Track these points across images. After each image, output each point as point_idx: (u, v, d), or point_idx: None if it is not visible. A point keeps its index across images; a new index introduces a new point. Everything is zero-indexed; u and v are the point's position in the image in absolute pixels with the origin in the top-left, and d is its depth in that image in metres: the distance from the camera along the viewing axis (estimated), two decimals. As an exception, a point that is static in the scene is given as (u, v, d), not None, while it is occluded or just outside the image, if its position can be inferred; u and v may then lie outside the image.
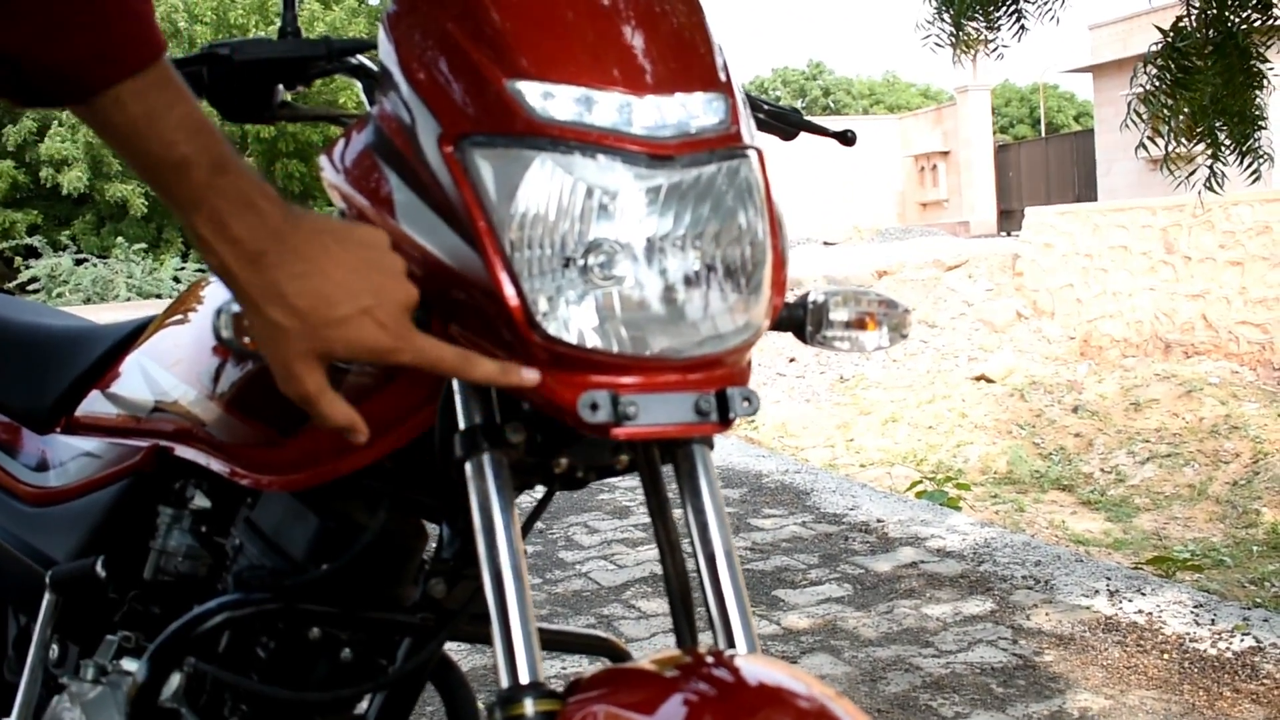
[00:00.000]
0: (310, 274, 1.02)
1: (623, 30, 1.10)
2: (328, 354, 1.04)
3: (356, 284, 1.03)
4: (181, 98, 1.02)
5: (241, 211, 1.02)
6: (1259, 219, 14.74)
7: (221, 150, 1.03)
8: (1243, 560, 7.87)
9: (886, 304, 1.39)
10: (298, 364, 1.04)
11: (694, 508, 1.17)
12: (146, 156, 1.01)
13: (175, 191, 1.02)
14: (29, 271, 24.37)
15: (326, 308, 1.02)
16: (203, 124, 1.03)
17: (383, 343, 1.03)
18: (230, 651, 1.49)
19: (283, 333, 1.03)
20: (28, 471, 1.91)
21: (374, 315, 1.03)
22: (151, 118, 1.00)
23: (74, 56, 0.98)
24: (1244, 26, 4.51)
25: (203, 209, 1.02)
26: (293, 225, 1.03)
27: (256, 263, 1.02)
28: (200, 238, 1.03)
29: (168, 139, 1.01)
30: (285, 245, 1.02)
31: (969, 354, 16.32)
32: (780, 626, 4.29)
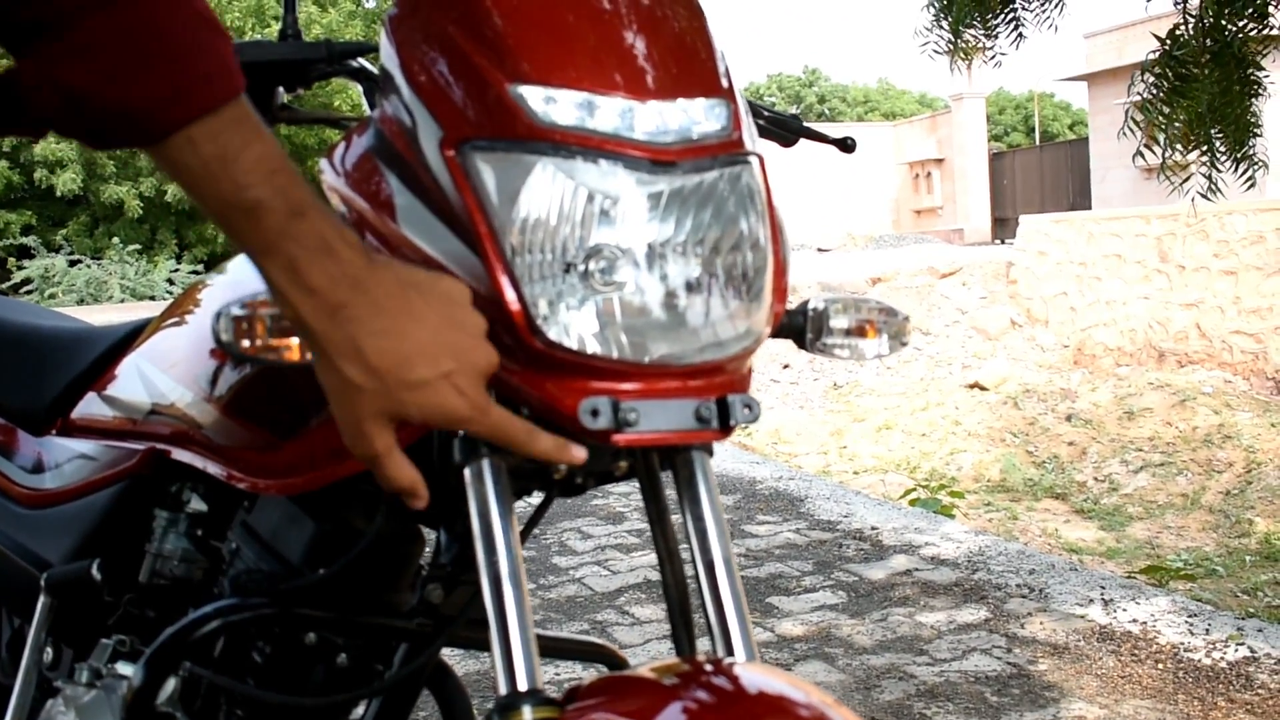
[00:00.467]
0: (390, 332, 0.98)
1: (625, 35, 1.10)
2: (400, 416, 1.00)
3: (438, 346, 0.99)
4: (258, 136, 0.97)
5: (320, 259, 0.97)
6: (1253, 228, 14.77)
7: (299, 193, 0.98)
8: (1236, 570, 7.88)
9: (886, 311, 1.39)
10: (368, 423, 1.00)
11: (693, 515, 1.17)
12: (219, 200, 0.96)
13: (249, 237, 0.97)
14: (23, 272, 24.35)
15: (405, 370, 0.98)
16: (280, 165, 0.98)
17: (460, 411, 1.00)
18: (226, 656, 1.48)
19: (356, 390, 0.99)
20: (23, 473, 1.91)
21: (453, 381, 0.99)
22: (225, 159, 0.95)
23: (146, 96, 0.93)
24: (1241, 35, 4.52)
25: (278, 256, 0.97)
26: (375, 276, 0.98)
27: (335, 316, 0.97)
28: (276, 286, 0.98)
29: (241, 181, 0.96)
30: (366, 298, 0.97)
31: (963, 361, 16.34)
32: (774, 634, 4.29)
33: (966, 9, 5.14)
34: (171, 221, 29.41)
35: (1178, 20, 4.64)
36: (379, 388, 0.98)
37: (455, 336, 1.00)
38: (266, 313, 1.07)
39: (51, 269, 24.36)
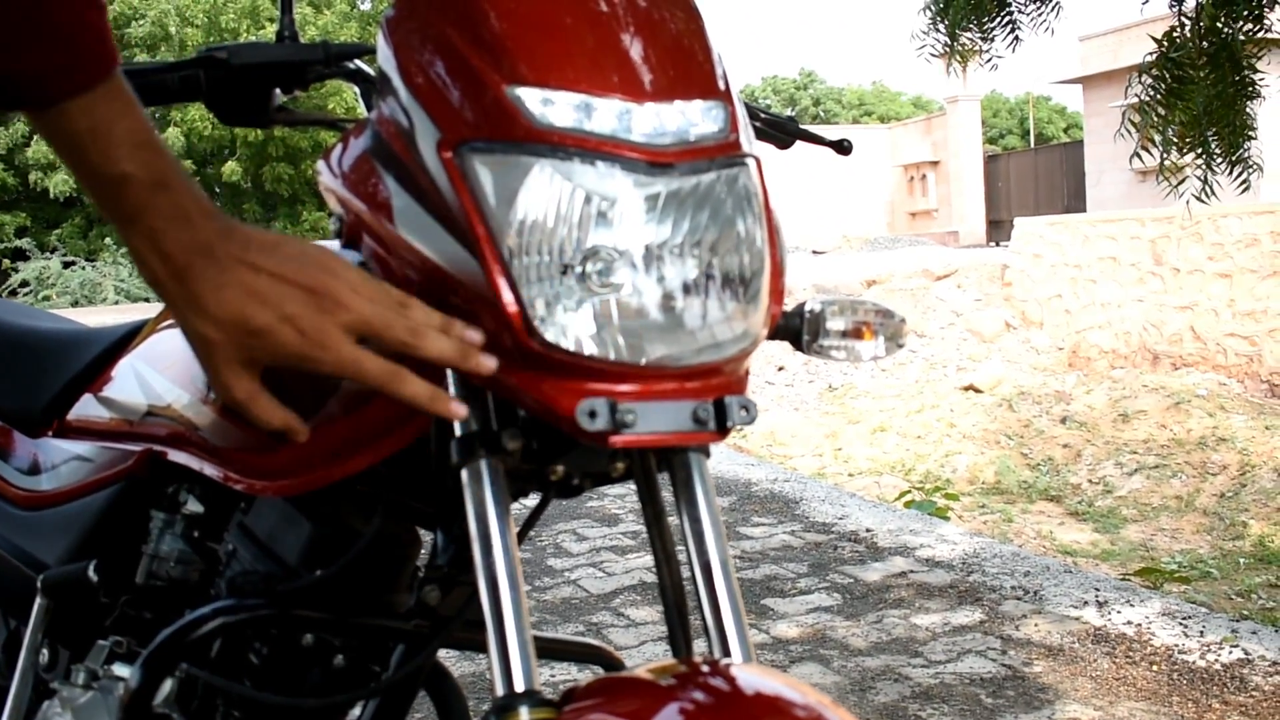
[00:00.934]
0: (229, 284, 1.04)
1: (622, 37, 1.10)
2: (252, 360, 1.06)
3: (277, 293, 1.04)
4: (128, 111, 1.03)
5: (175, 227, 1.03)
6: (1247, 231, 14.79)
7: (163, 166, 1.04)
8: (1230, 572, 7.88)
9: (883, 313, 1.39)
10: (224, 371, 1.06)
11: (690, 517, 1.17)
12: (89, 169, 1.02)
13: (114, 206, 1.04)
14: (18, 275, 24.34)
15: (245, 318, 1.04)
16: (147, 139, 1.04)
17: (303, 350, 1.05)
18: (223, 657, 1.48)
19: (208, 343, 1.05)
20: (19, 475, 1.90)
21: (295, 324, 1.04)
22: (96, 132, 1.01)
23: (27, 69, 0.99)
24: (1237, 37, 4.52)
25: (139, 224, 1.03)
26: (224, 238, 1.05)
27: (182, 276, 1.04)
28: (135, 251, 1.05)
29: (111, 154, 1.02)
30: (211, 258, 1.04)
31: (957, 364, 16.35)
32: (769, 635, 4.29)
33: (963, 12, 5.15)
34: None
35: (1173, 23, 4.65)
36: (225, 338, 1.05)
37: (298, 284, 1.05)
38: None
39: (46, 271, 24.34)
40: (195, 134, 27.35)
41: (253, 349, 1.05)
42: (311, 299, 1.04)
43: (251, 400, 1.08)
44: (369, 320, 1.05)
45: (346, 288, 1.05)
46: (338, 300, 1.05)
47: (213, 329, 1.04)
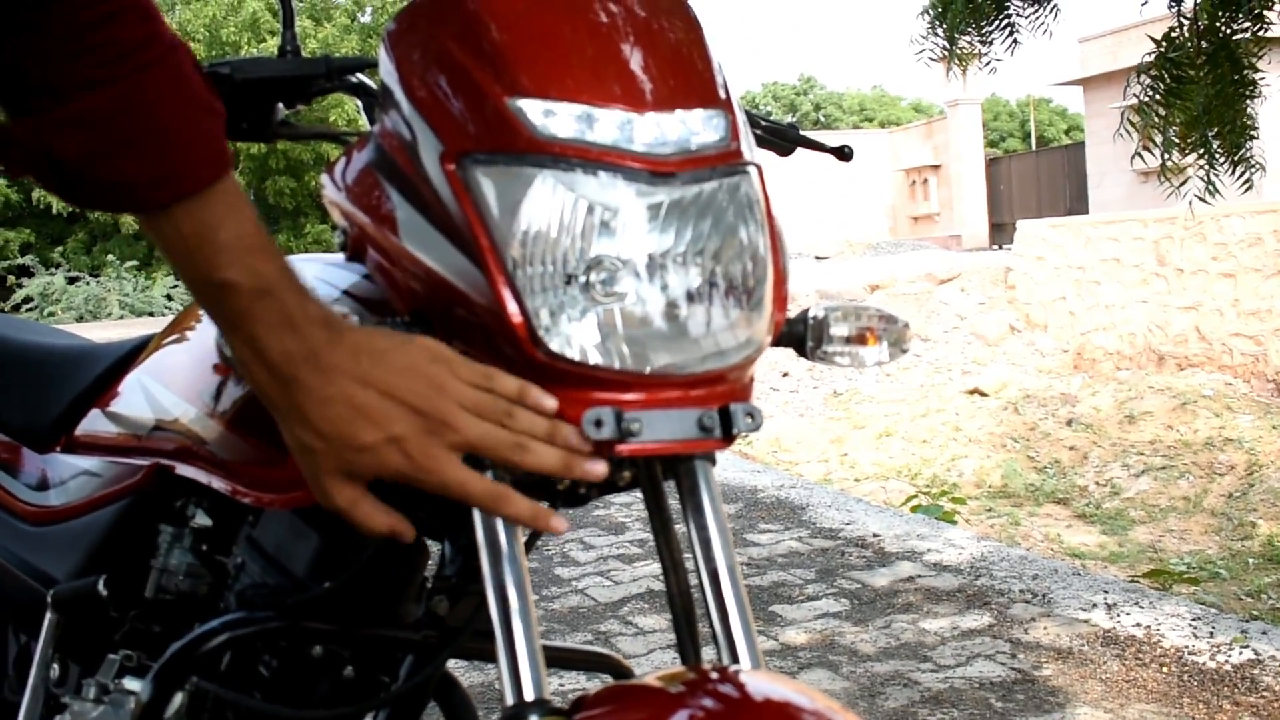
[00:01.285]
0: (335, 399, 1.02)
1: (623, 48, 1.11)
2: (355, 474, 1.04)
3: (385, 412, 1.02)
4: (235, 214, 1.02)
5: (280, 334, 1.02)
6: (1250, 230, 14.79)
7: (268, 272, 1.02)
8: (1239, 573, 7.88)
9: (886, 319, 1.39)
10: (326, 480, 1.04)
11: (696, 524, 1.17)
12: (191, 272, 1.02)
13: (217, 311, 1.03)
14: (22, 291, 24.38)
15: (350, 435, 1.02)
16: (254, 243, 1.02)
17: (406, 472, 1.03)
18: (233, 670, 1.48)
19: (310, 452, 1.04)
20: (28, 490, 1.91)
21: (400, 445, 1.02)
22: (201, 237, 1.00)
23: (135, 175, 0.98)
24: (1237, 35, 4.53)
25: (241, 331, 1.02)
26: (332, 346, 1.03)
27: (286, 386, 1.02)
28: (237, 356, 1.04)
29: (214, 260, 1.00)
30: (318, 367, 1.02)
31: (962, 367, 16.35)
32: (778, 642, 4.29)
33: (961, 16, 5.15)
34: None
35: (1173, 23, 4.66)
36: (328, 449, 1.03)
37: (405, 402, 1.02)
38: None
39: (50, 287, 24.38)
40: (198, 148, 27.43)
41: (355, 464, 1.03)
42: (420, 420, 1.02)
43: (354, 507, 1.06)
44: (475, 444, 1.03)
45: (455, 406, 1.03)
46: (446, 422, 1.03)
47: (316, 440, 1.03)
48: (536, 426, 1.04)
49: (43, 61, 0.96)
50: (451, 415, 1.02)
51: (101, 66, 0.97)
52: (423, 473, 1.02)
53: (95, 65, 0.97)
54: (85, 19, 0.96)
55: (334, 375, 1.02)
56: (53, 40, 0.95)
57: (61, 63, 0.96)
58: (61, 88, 0.96)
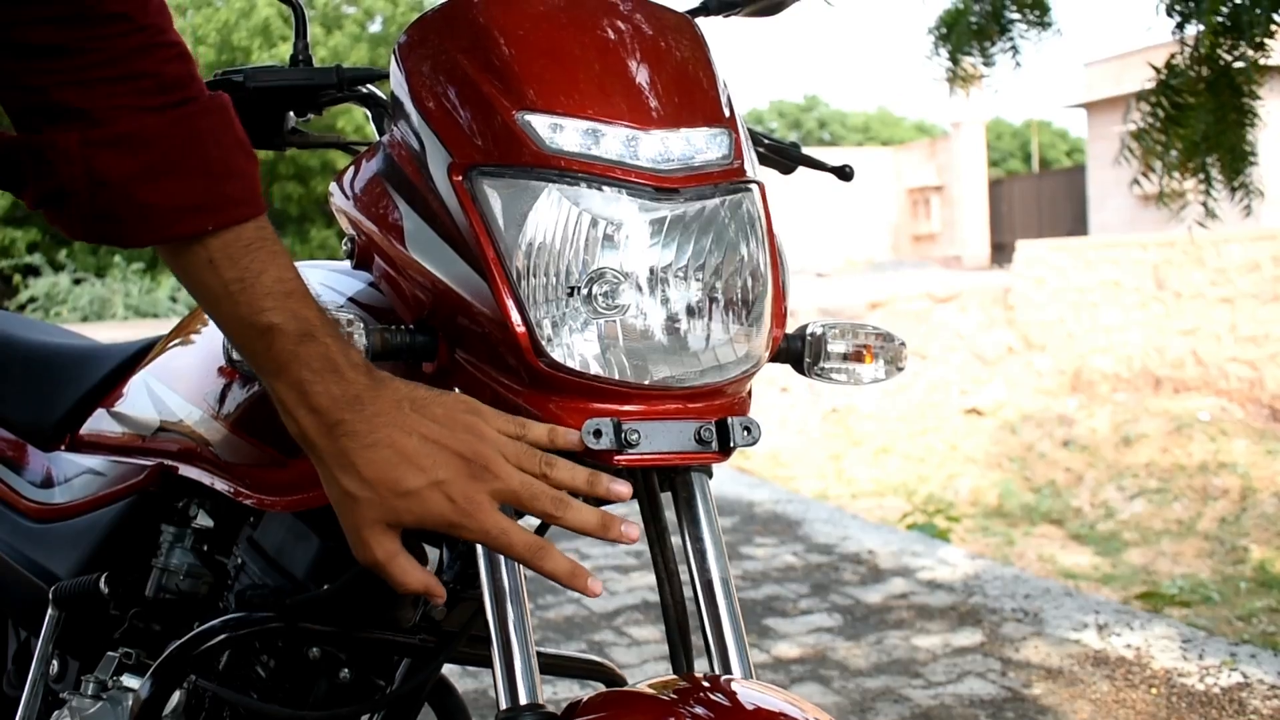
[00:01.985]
0: (381, 445, 1.02)
1: (629, 65, 1.13)
2: (397, 523, 1.03)
3: (429, 456, 1.02)
4: (275, 260, 1.03)
5: (325, 380, 1.02)
6: (1249, 256, 14.80)
7: (310, 317, 1.03)
8: (1231, 597, 7.88)
9: (883, 337, 1.41)
10: (366, 531, 1.04)
11: (692, 535, 1.19)
12: (235, 319, 1.02)
13: (261, 357, 1.03)
14: (28, 290, 24.37)
15: (395, 480, 1.01)
16: (294, 287, 1.03)
17: (450, 518, 1.02)
18: (231, 669, 1.50)
19: (353, 500, 1.03)
20: (33, 488, 1.93)
21: (444, 489, 1.02)
22: (244, 282, 1.01)
23: (179, 197, 1.00)
24: (1237, 63, 4.55)
25: (286, 376, 1.02)
26: (374, 392, 1.03)
27: (333, 431, 1.02)
28: (281, 403, 1.04)
29: (257, 304, 1.01)
30: (362, 414, 1.02)
31: (960, 386, 16.34)
32: (770, 655, 4.30)
33: (965, 37, 5.18)
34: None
35: (1175, 50, 4.68)
36: (372, 497, 1.02)
37: (448, 448, 1.02)
38: None
39: (55, 287, 24.36)
40: (204, 152, 27.42)
41: (399, 511, 1.02)
42: (464, 466, 1.02)
43: (390, 561, 1.05)
44: (518, 492, 1.02)
45: (497, 454, 1.03)
46: (489, 468, 1.02)
47: (360, 487, 1.02)
48: (576, 477, 1.05)
49: (80, 85, 0.97)
50: (494, 462, 1.02)
51: (146, 95, 0.99)
52: (466, 518, 1.02)
53: (138, 93, 0.99)
54: (123, 47, 0.98)
55: (378, 421, 1.02)
56: (91, 64, 0.97)
57: (102, 87, 0.97)
58: (102, 111, 0.97)
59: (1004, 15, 5.20)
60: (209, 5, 27.99)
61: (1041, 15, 5.17)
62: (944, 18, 5.25)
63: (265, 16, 26.67)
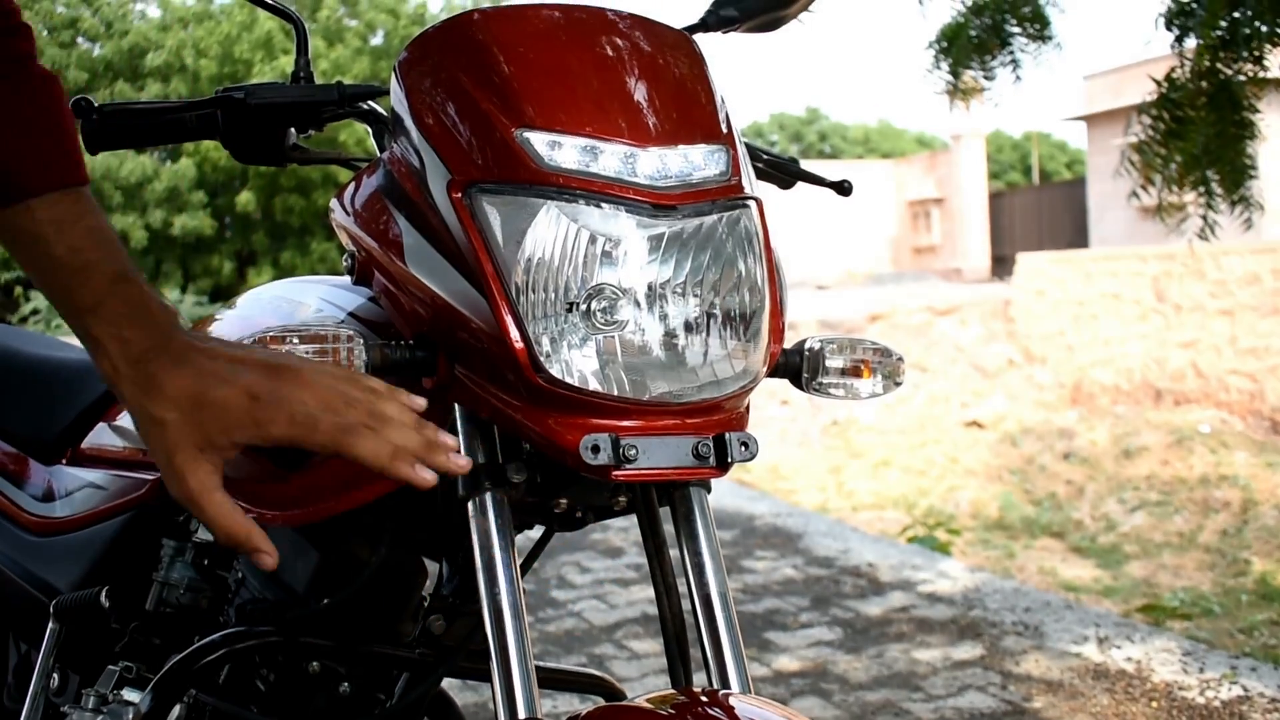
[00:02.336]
0: (187, 367, 1.02)
1: (628, 82, 1.14)
2: (209, 444, 1.02)
3: (234, 370, 1.03)
4: (92, 210, 1.07)
5: (138, 317, 1.04)
6: (1249, 269, 14.82)
7: (124, 261, 1.06)
8: (1232, 609, 7.87)
9: (881, 352, 1.41)
10: (178, 457, 1.02)
11: (690, 550, 1.19)
12: (49, 260, 1.04)
13: (75, 294, 1.04)
14: (30, 303, 24.39)
15: (199, 391, 1.01)
16: (111, 238, 1.07)
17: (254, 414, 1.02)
18: (231, 683, 1.50)
19: (160, 426, 1.02)
20: (33, 501, 1.93)
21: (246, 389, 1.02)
22: (61, 224, 1.04)
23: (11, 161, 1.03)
24: (1237, 78, 4.56)
25: (101, 311, 1.03)
26: (180, 334, 1.05)
27: (140, 360, 1.02)
28: (94, 340, 1.04)
29: (75, 245, 1.04)
30: (169, 347, 1.03)
31: (961, 399, 16.35)
32: (770, 669, 4.30)
33: (965, 50, 5.20)
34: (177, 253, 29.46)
35: (1175, 63, 4.69)
36: (179, 417, 1.01)
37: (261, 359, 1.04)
38: (277, 349, 1.10)
39: (56, 300, 24.37)
40: (209, 164, 27.46)
41: (207, 427, 1.01)
42: (270, 371, 1.03)
43: (204, 494, 1.03)
44: (327, 398, 1.03)
45: (306, 366, 1.05)
46: (297, 373, 1.04)
47: (166, 408, 1.01)
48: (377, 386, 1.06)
49: None
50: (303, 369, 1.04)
51: None
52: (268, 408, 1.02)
53: None
54: None
55: (186, 352, 1.03)
56: None
57: None
58: None
59: (1004, 29, 5.22)
60: (211, 19, 28.05)
61: (1042, 29, 5.19)
62: (945, 31, 5.27)
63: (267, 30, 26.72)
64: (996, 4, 5.17)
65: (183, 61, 27.52)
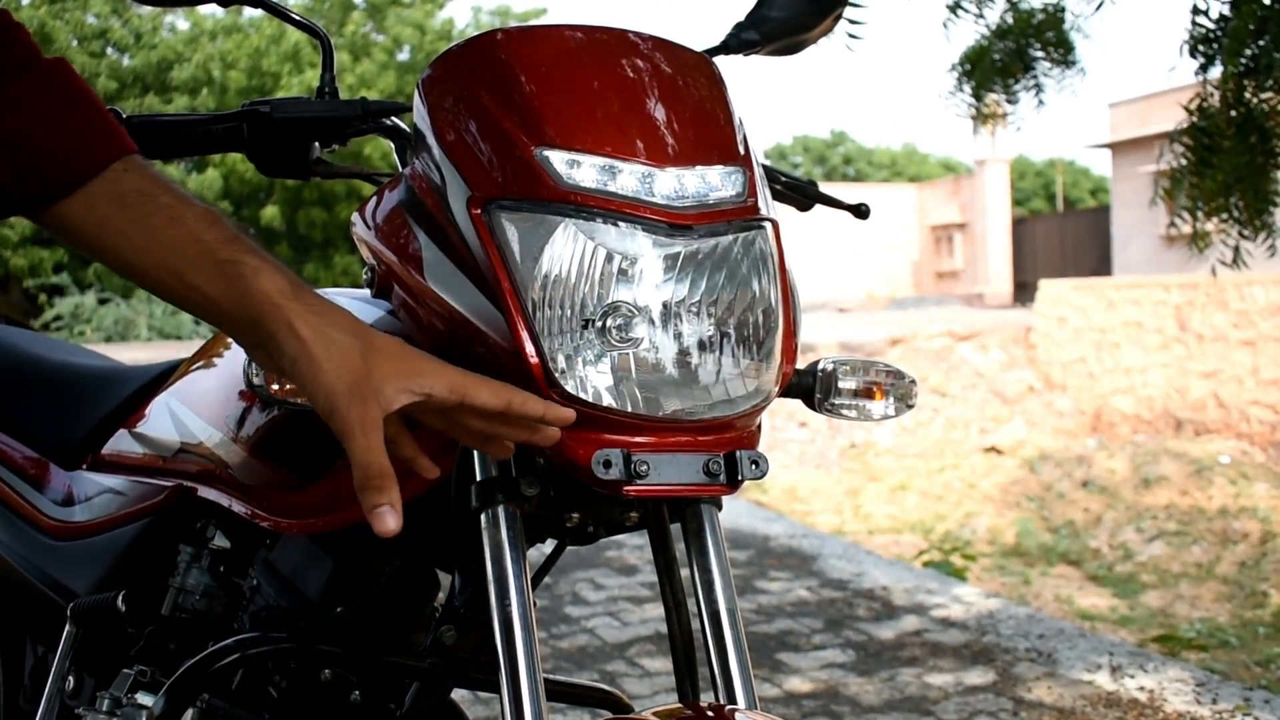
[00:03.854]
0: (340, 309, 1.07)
1: (647, 103, 1.15)
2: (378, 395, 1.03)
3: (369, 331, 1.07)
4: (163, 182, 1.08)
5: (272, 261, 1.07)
6: (1272, 299, 14.75)
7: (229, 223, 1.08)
8: (1249, 641, 7.83)
9: (893, 374, 1.42)
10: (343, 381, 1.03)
11: (700, 566, 1.20)
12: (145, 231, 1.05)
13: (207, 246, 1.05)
14: (53, 310, 24.51)
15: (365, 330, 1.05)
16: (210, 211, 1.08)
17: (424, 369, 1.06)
18: (243, 689, 1.52)
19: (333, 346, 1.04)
20: (53, 506, 1.95)
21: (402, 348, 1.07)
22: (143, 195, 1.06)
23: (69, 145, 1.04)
24: (1265, 107, 4.55)
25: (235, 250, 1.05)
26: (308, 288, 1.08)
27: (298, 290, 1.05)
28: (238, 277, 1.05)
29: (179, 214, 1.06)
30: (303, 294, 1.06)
31: (980, 425, 16.30)
32: (782, 690, 4.30)
33: (988, 74, 5.20)
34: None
35: (1201, 91, 4.69)
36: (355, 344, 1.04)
37: None
38: None
39: (80, 307, 24.51)
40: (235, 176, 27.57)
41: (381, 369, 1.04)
42: None
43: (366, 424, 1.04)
44: None
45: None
46: None
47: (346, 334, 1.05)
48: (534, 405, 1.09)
49: None
50: None
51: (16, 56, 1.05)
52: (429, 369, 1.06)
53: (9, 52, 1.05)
54: None
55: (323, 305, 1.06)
56: None
57: None
58: None
59: (1028, 53, 5.22)
60: (239, 31, 28.18)
61: (1065, 54, 5.19)
62: (968, 54, 5.28)
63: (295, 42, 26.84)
64: (1020, 28, 5.17)
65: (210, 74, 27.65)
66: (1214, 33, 4.51)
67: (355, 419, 1.02)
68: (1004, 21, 5.21)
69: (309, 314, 1.04)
